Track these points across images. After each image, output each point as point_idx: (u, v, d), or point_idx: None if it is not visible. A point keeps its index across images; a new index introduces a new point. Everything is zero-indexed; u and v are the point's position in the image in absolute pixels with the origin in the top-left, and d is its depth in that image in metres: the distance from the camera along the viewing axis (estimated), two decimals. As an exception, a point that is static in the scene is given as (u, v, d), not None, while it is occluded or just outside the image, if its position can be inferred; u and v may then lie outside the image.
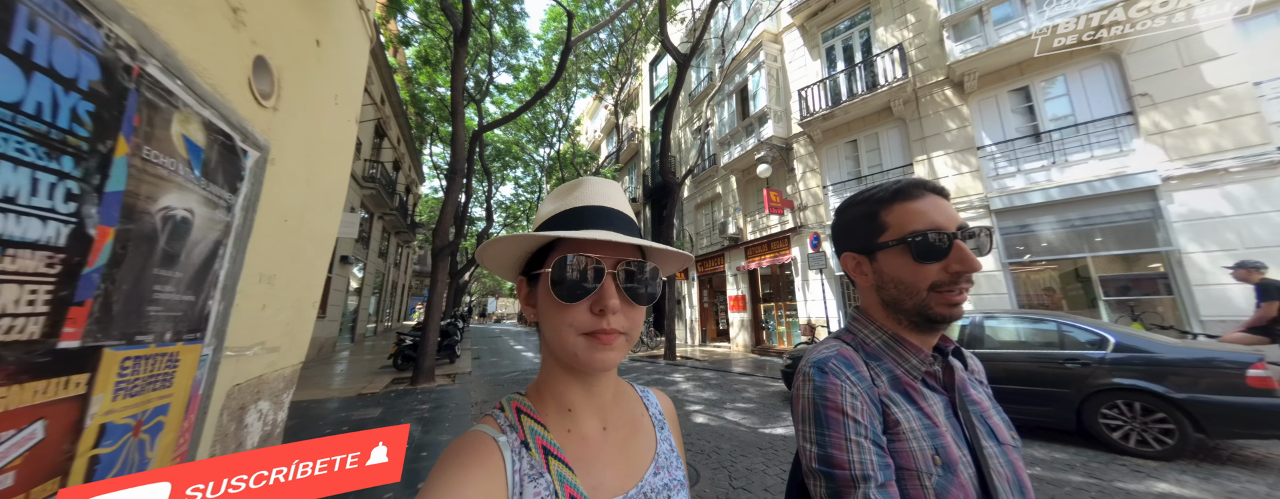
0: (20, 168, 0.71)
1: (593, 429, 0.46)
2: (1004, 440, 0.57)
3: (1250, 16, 5.04)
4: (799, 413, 0.55)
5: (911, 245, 0.55)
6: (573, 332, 0.41)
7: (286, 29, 1.49)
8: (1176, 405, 3.04)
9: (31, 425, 0.76)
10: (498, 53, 14.87)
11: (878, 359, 0.58)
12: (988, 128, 6.97)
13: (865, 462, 0.49)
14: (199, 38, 1.07)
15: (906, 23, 7.98)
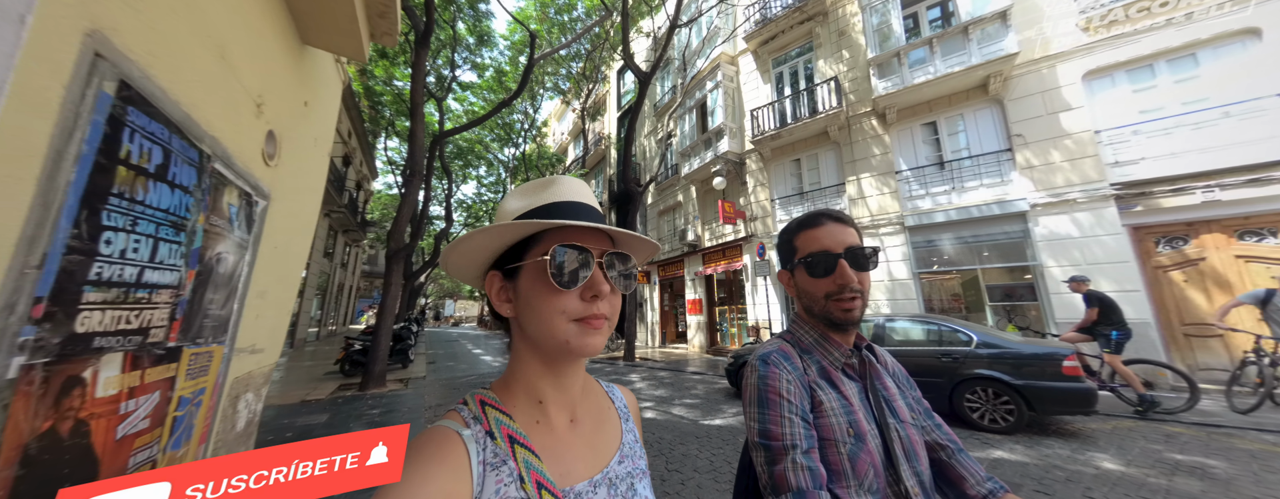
0: (164, 243, 1.12)
1: (562, 421, 0.48)
2: (904, 418, 0.71)
3: (1093, 78, 6.30)
4: (746, 398, 0.67)
5: (807, 265, 0.70)
6: (564, 318, 0.43)
7: (286, 100, 1.72)
8: (1016, 390, 3.86)
9: (155, 393, 1.16)
10: (462, 50, 14.61)
11: (809, 353, 0.72)
12: (904, 155, 8.04)
13: (794, 434, 0.61)
14: (238, 132, 1.38)
15: (842, 57, 8.98)
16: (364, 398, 6.29)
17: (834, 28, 9.20)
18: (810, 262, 0.69)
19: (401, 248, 7.57)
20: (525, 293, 0.45)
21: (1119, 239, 5.82)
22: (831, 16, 9.24)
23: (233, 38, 1.29)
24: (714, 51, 11.33)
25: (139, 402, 1.08)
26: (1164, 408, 4.24)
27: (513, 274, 0.47)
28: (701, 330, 12.15)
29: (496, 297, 0.48)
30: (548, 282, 0.43)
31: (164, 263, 1.12)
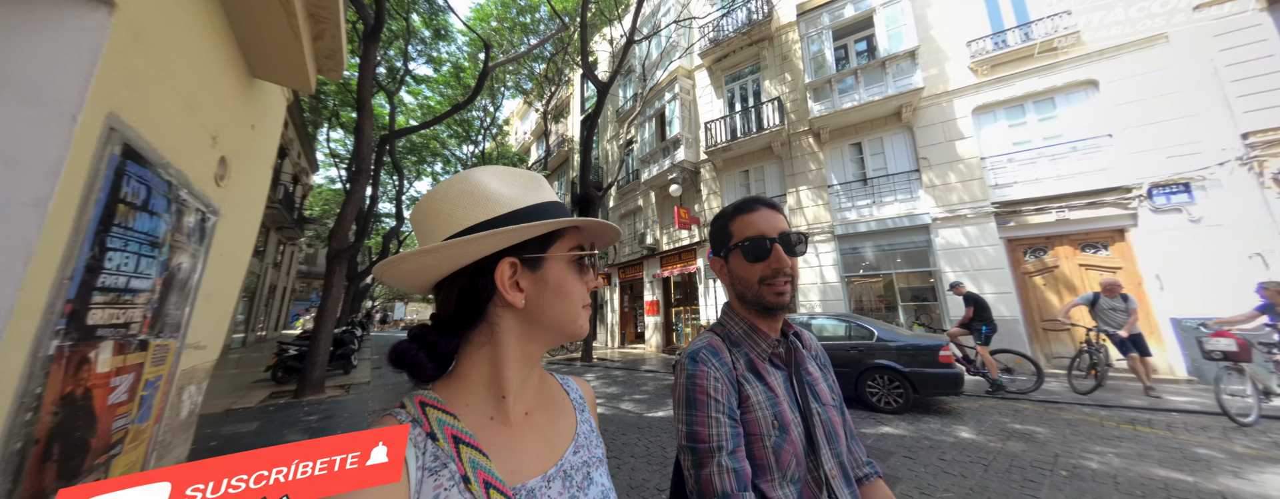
0: (143, 258, 1.38)
1: (516, 415, 0.48)
2: (826, 402, 0.73)
3: (980, 113, 7.46)
4: (675, 398, 0.67)
5: (743, 249, 0.70)
6: (581, 305, 0.49)
7: (236, 127, 1.87)
8: (905, 377, 4.57)
9: (131, 374, 1.40)
10: (417, 43, 14.09)
11: (738, 345, 0.72)
12: (835, 171, 8.97)
13: (721, 434, 0.61)
14: (196, 163, 1.58)
15: (784, 80, 9.84)
16: (299, 405, 6.04)
17: (778, 52, 10.05)
18: (746, 246, 0.70)
19: (345, 249, 7.32)
20: (557, 281, 0.47)
21: (997, 249, 6.94)
22: (776, 41, 10.09)
23: (199, 91, 1.52)
24: (672, 64, 11.90)
25: (122, 379, 1.35)
26: (1016, 389, 5.19)
27: (535, 264, 0.47)
28: (658, 331, 12.60)
29: (510, 285, 0.47)
30: (578, 273, 0.49)
31: (142, 273, 1.37)
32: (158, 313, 1.47)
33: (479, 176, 0.48)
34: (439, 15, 13.89)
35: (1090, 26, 6.58)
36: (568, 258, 0.49)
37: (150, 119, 1.23)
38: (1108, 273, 6.23)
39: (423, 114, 19.12)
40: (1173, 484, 2.68)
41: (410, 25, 12.48)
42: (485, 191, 0.47)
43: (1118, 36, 6.38)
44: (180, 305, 1.57)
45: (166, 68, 1.26)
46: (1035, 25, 6.97)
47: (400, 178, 15.58)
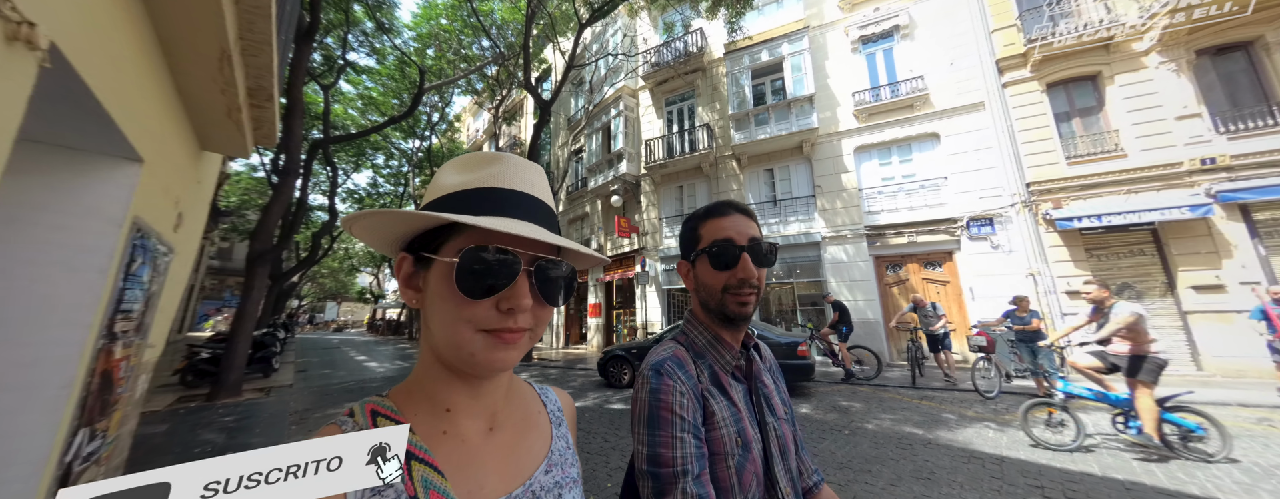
0: (139, 289, 1.90)
1: (475, 430, 0.42)
2: (780, 415, 0.72)
3: (860, 152, 9.07)
4: (636, 415, 0.62)
5: (711, 255, 0.67)
6: (470, 327, 0.38)
7: (189, 186, 2.38)
8: (773, 367, 5.71)
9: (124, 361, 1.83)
10: (358, 33, 13.56)
11: (702, 356, 0.69)
12: (753, 192, 10.29)
13: (685, 456, 0.57)
14: (165, 221, 2.10)
15: (714, 108, 11.06)
16: (213, 408, 5.98)
17: (710, 82, 11.27)
18: (713, 251, 0.67)
19: (267, 250, 7.13)
20: (432, 291, 0.39)
21: (867, 264, 8.51)
22: (708, 73, 11.31)
23: (175, 183, 2.10)
24: (619, 82, 12.76)
25: (124, 365, 1.87)
26: (862, 377, 6.58)
27: (425, 264, 0.40)
28: (599, 332, 13.34)
29: (405, 282, 0.41)
30: (454, 288, 0.37)
31: (136, 299, 1.91)
32: (139, 323, 2.01)
33: (446, 165, 0.44)
34: (383, 8, 13.43)
35: (936, 90, 8.36)
36: (444, 266, 0.38)
37: (150, 212, 1.86)
38: (941, 285, 7.96)
39: (363, 105, 18.27)
40: (909, 436, 3.91)
41: (350, 16, 11.97)
42: (437, 179, 0.44)
43: (953, 100, 8.18)
44: (148, 316, 2.09)
45: (162, 182, 1.83)
46: (901, 85, 8.67)
47: (334, 174, 14.72)
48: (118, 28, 1.26)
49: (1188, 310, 6.28)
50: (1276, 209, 6.12)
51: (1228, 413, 4.35)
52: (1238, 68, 6.63)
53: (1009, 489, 2.75)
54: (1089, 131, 7.33)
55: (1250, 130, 6.29)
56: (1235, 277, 6.00)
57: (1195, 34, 6.65)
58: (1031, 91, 7.64)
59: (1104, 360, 3.50)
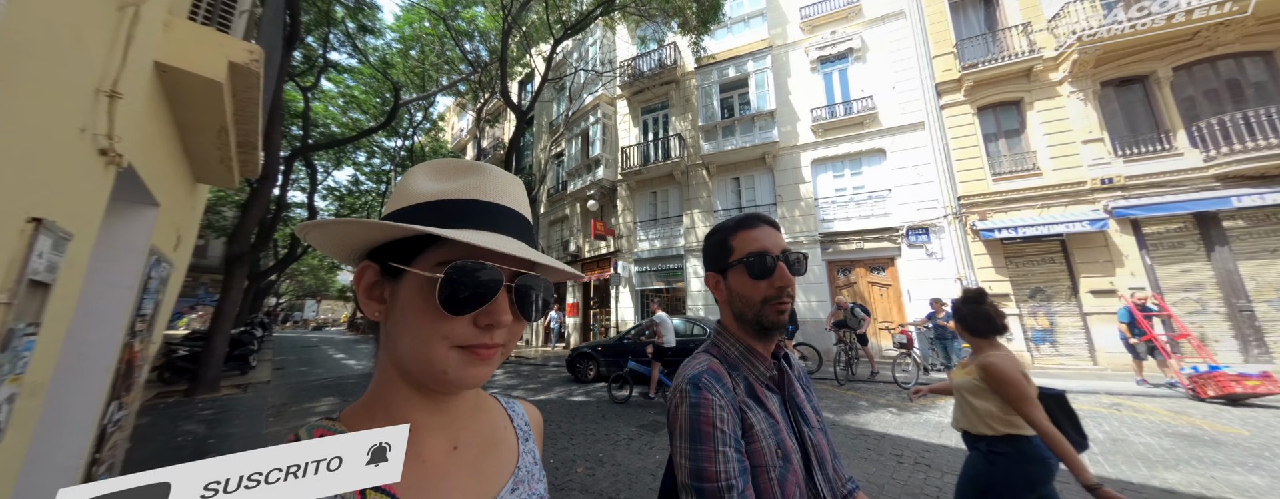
0: (151, 299, 2.33)
1: (437, 449, 0.40)
2: (814, 424, 0.71)
3: (817, 165, 9.77)
4: (676, 429, 0.61)
5: (747, 265, 0.67)
6: (445, 344, 0.36)
7: (186, 212, 2.85)
8: (721, 363, 6.32)
9: (140, 352, 2.29)
10: (340, 33, 13.61)
11: (736, 368, 0.68)
12: (721, 199, 10.93)
13: (729, 471, 0.57)
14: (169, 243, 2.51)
15: (686, 119, 11.66)
16: (192, 402, 6.23)
17: (683, 94, 11.85)
18: (750, 262, 0.67)
19: (244, 253, 7.28)
20: (403, 304, 0.37)
21: (821, 269, 9.22)
22: (681, 86, 11.89)
23: (178, 215, 2.54)
24: (598, 90, 13.24)
25: (139, 356, 2.31)
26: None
27: (394, 275, 0.38)
28: (577, 331, 13.83)
29: (366, 293, 0.39)
30: (434, 303, 0.35)
31: (148, 306, 2.36)
32: (149, 324, 2.45)
33: (416, 170, 0.42)
34: (365, 10, 13.41)
35: (883, 109, 9.10)
36: (423, 281, 0.36)
37: (160, 239, 2.31)
38: (884, 288, 8.72)
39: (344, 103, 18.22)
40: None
41: (331, 17, 11.90)
42: (407, 185, 0.41)
43: (897, 119, 8.94)
44: (155, 319, 2.54)
45: (170, 217, 2.30)
46: (853, 104, 9.39)
47: (312, 176, 14.68)
48: (157, 131, 1.73)
49: (1087, 312, 7.13)
50: (1161, 224, 7.01)
51: (1093, 399, 5.14)
52: (1136, 98, 7.51)
53: (876, 457, 3.38)
54: (1012, 151, 8.15)
55: (1143, 154, 7.17)
56: (1126, 283, 6.86)
57: (1100, 67, 7.50)
58: (965, 114, 8.43)
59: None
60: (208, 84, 1.79)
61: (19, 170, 1.02)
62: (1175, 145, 7.00)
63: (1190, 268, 6.79)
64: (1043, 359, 7.37)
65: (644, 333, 6.76)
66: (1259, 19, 6.55)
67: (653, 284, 11.66)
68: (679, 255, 11.06)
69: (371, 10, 13.37)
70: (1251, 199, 6.26)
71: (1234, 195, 6.35)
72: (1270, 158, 6.16)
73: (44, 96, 1.08)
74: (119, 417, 2.21)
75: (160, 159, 1.96)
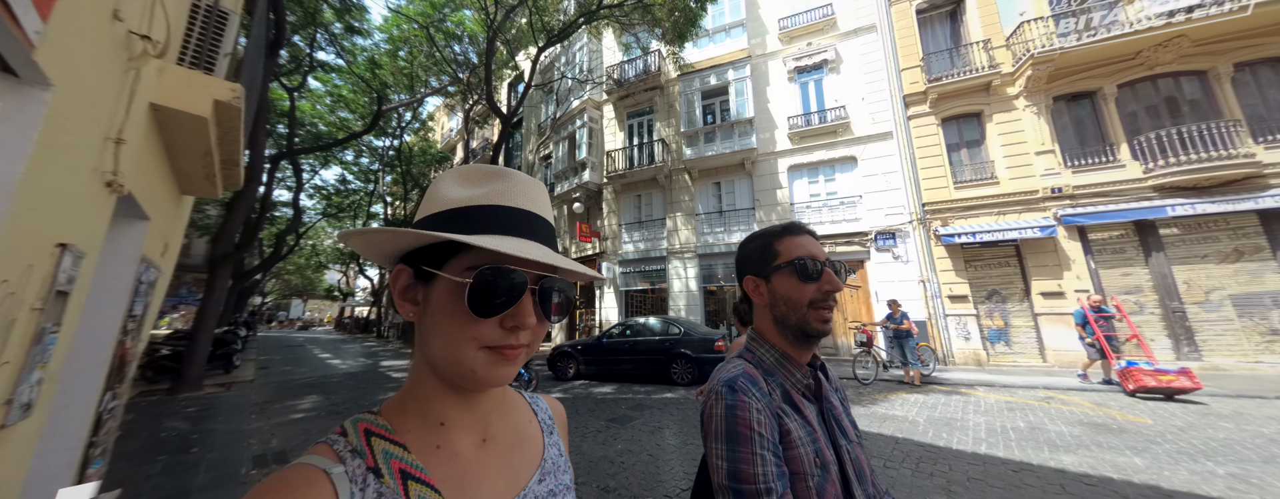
0: (140, 301, 2.50)
1: (468, 443, 0.42)
2: (851, 437, 0.70)
3: (793, 171, 10.15)
4: (712, 431, 0.61)
5: (797, 267, 0.68)
6: (474, 345, 0.38)
7: (172, 220, 3.03)
8: (693, 360, 6.63)
9: (130, 349, 2.41)
10: (326, 33, 13.58)
11: (772, 375, 0.68)
12: (702, 203, 11.26)
13: (767, 474, 0.56)
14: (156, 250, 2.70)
15: (670, 124, 11.97)
16: (175, 400, 6.32)
17: (667, 100, 12.17)
18: (799, 265, 0.68)
19: (229, 252, 7.35)
20: (435, 308, 0.39)
21: (795, 271, 9.59)
22: (665, 92, 12.21)
23: (167, 227, 2.73)
24: (585, 94, 13.50)
25: (130, 352, 2.53)
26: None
27: (427, 277, 0.41)
28: (563, 329, 14.07)
29: (401, 295, 0.42)
30: (463, 306, 0.38)
31: (139, 308, 2.55)
32: (139, 324, 2.65)
33: (445, 176, 0.45)
34: (352, 11, 13.37)
35: (855, 119, 9.51)
36: (453, 285, 0.39)
37: (149, 247, 2.50)
38: (855, 289, 9.12)
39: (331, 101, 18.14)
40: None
41: (318, 18, 11.69)
42: (436, 191, 0.44)
43: (868, 129, 9.35)
44: (144, 319, 2.74)
45: (159, 228, 2.51)
46: (827, 113, 9.79)
47: (298, 176, 14.59)
48: (149, 157, 1.96)
49: (1038, 312, 7.60)
50: (1105, 231, 7.50)
51: (1030, 393, 5.56)
52: (1084, 113, 8.00)
53: (817, 446, 3.72)
54: (972, 161, 8.61)
55: (1090, 165, 7.66)
56: (1072, 286, 7.33)
57: (1053, 82, 7.98)
58: (930, 124, 8.87)
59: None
60: (195, 119, 2.04)
61: (51, 207, 1.28)
62: (1119, 157, 7.49)
63: (1130, 272, 7.29)
64: (998, 357, 7.83)
65: (625, 332, 7.03)
66: (1194, 41, 7.06)
67: (637, 285, 11.96)
68: (662, 257, 11.37)
69: (360, 11, 13.42)
70: (1184, 208, 6.76)
71: (1169, 205, 6.85)
72: (1201, 170, 6.66)
73: (72, 148, 1.35)
74: (113, 406, 2.42)
75: (151, 180, 2.18)
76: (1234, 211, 6.63)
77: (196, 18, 2.29)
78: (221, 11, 2.34)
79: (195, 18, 2.29)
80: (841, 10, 10.04)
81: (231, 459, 3.84)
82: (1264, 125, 6.81)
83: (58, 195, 1.31)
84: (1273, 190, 6.46)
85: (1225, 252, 6.81)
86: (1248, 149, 6.66)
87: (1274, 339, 6.40)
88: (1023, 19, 8.17)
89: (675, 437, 4.11)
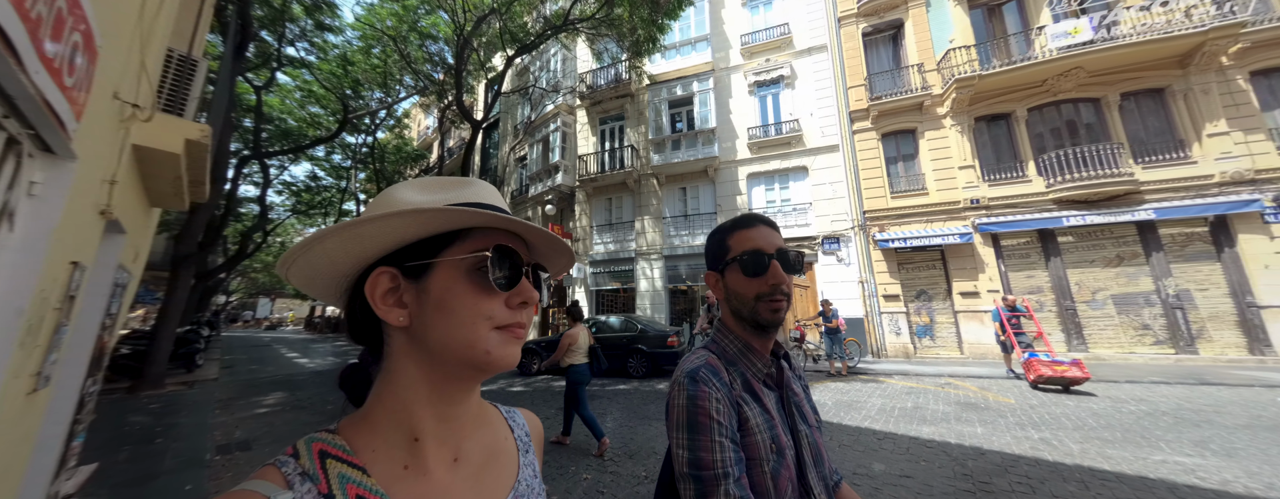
0: (117, 301, 2.87)
1: (439, 461, 0.40)
2: (811, 423, 0.73)
3: (752, 179, 10.87)
4: (674, 420, 0.64)
5: (743, 262, 0.69)
6: (487, 325, 0.38)
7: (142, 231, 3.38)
8: (648, 356, 7.21)
9: (108, 343, 2.78)
10: (295, 29, 13.34)
11: (734, 364, 0.70)
12: (669, 207, 11.86)
13: (725, 460, 0.59)
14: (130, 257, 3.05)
15: (640, 130, 12.52)
16: (137, 398, 6.37)
17: (637, 108, 12.70)
18: (744, 259, 0.69)
19: (190, 254, 7.36)
20: (440, 293, 0.38)
21: (751, 272, 10.30)
22: (636, 99, 12.74)
23: (137, 238, 3.06)
24: (559, 99, 13.88)
25: (107, 344, 2.85)
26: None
27: (418, 272, 0.39)
28: (535, 328, 14.45)
29: (383, 300, 0.39)
30: (480, 282, 0.38)
31: (115, 306, 2.89)
32: (114, 320, 2.98)
33: (399, 187, 0.43)
34: (324, 8, 13.14)
35: (807, 132, 10.29)
36: (461, 264, 0.39)
37: (125, 257, 2.86)
38: (804, 290, 9.90)
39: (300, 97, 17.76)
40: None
41: (287, 13, 11.26)
42: (392, 198, 0.41)
43: (818, 141, 10.14)
44: (118, 317, 3.09)
45: (132, 238, 2.87)
46: (783, 125, 10.53)
47: (265, 171, 14.28)
48: (129, 184, 2.35)
49: (958, 310, 8.53)
50: (1014, 238, 8.47)
51: (932, 380, 6.37)
52: (1001, 133, 8.98)
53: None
54: (907, 173, 9.50)
55: (1004, 180, 8.62)
56: (986, 286, 8.27)
57: (974, 105, 8.92)
58: (871, 139, 9.72)
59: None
60: (170, 155, 2.46)
61: (69, 237, 1.73)
62: (1027, 173, 8.48)
63: (1033, 274, 8.29)
64: (924, 350, 8.74)
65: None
66: (1089, 72, 8.07)
67: (607, 285, 12.47)
68: (630, 258, 11.92)
69: (331, 8, 13.28)
70: (1077, 219, 7.77)
71: (1065, 216, 7.85)
72: (1091, 186, 7.66)
73: (84, 195, 1.80)
74: (92, 390, 2.78)
75: (129, 201, 2.54)
76: (1116, 223, 7.66)
77: (170, 66, 2.68)
78: (191, 61, 2.74)
79: (169, 66, 2.68)
80: (797, 30, 10.79)
81: (196, 447, 4.05)
82: (1143, 147, 7.88)
83: (72, 228, 1.75)
84: (1148, 204, 7.51)
85: (1109, 258, 7.86)
86: (1129, 168, 7.71)
87: (1145, 333, 7.47)
88: (951, 46, 9.07)
89: (615, 421, 4.66)
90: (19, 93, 1.08)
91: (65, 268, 1.76)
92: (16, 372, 1.55)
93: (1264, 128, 7.22)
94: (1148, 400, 4.79)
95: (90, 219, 1.95)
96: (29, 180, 1.42)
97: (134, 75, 2.01)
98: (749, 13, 11.61)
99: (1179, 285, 7.35)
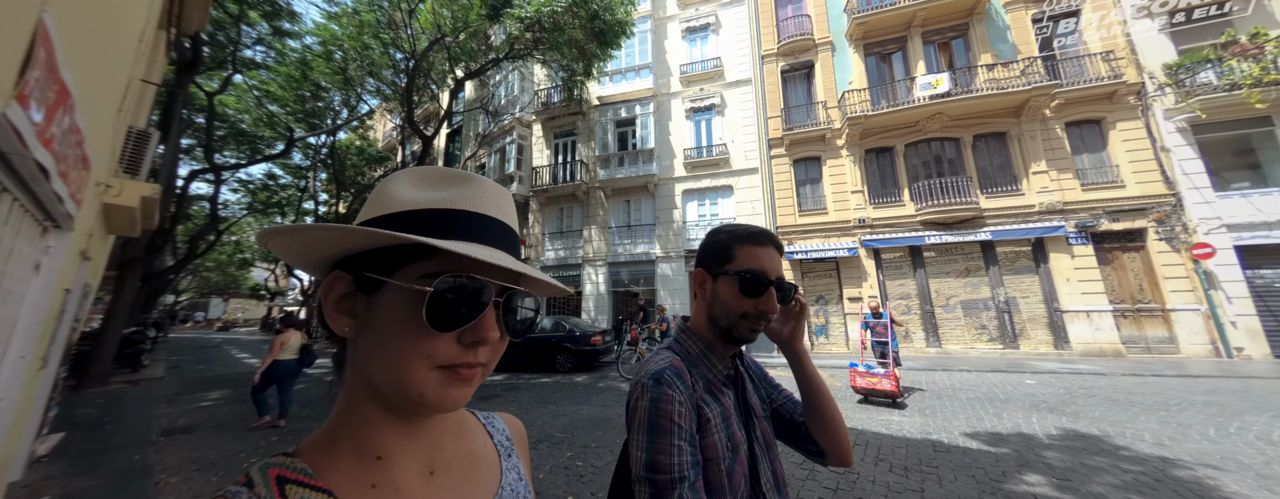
0: (82, 306, 3.69)
1: (411, 477, 0.37)
2: (758, 413, 0.77)
3: (688, 195, 12.14)
4: (635, 422, 0.64)
5: (744, 279, 0.69)
6: (426, 364, 0.33)
7: (101, 249, 4.14)
8: (573, 353, 8.24)
9: (73, 342, 3.57)
10: (253, 32, 13.27)
11: (696, 365, 0.72)
12: (615, 218, 12.97)
13: (682, 464, 0.60)
14: (90, 274, 3.82)
15: (590, 146, 13.56)
16: (81, 394, 6.60)
17: (588, 124, 13.74)
18: (745, 277, 0.69)
19: (137, 258, 7.51)
20: (381, 320, 0.34)
21: (684, 279, 11.57)
22: (587, 118, 13.78)
23: (98, 257, 3.85)
24: (516, 111, 14.71)
25: (74, 343, 3.76)
26: (650, 358, 9.46)
27: (371, 287, 0.35)
28: (492, 329, 15.17)
29: (335, 306, 0.36)
30: (418, 319, 0.33)
31: (79, 314, 3.68)
32: (79, 322, 3.75)
33: (398, 176, 0.40)
34: (282, 13, 13.14)
35: (733, 155, 11.66)
36: (409, 294, 0.34)
37: (90, 276, 3.67)
38: (727, 294, 11.23)
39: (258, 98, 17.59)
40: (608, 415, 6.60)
41: (246, 18, 11.16)
42: (387, 191, 0.39)
43: (742, 163, 11.53)
44: (80, 320, 3.85)
45: (94, 262, 3.68)
46: (713, 148, 11.86)
47: (217, 176, 13.90)
48: (98, 229, 3.21)
49: (847, 313, 10.08)
50: (891, 253, 10.12)
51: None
52: (885, 163, 10.64)
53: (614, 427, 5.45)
54: (813, 195, 11.04)
55: (885, 203, 10.26)
56: (867, 293, 9.86)
57: (865, 139, 10.53)
58: (785, 164, 11.20)
59: None
60: (128, 209, 3.33)
61: (64, 274, 2.64)
62: (903, 199, 10.15)
63: (904, 283, 9.95)
64: (820, 347, 10.24)
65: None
66: (950, 117, 9.81)
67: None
68: (578, 264, 12.93)
69: (292, 15, 13.35)
70: (937, 238, 9.45)
71: (928, 235, 9.52)
72: (947, 211, 9.35)
73: (75, 246, 2.73)
74: (63, 374, 3.59)
75: (96, 238, 3.39)
76: (965, 241, 9.40)
77: (129, 141, 3.53)
78: (145, 133, 3.60)
79: (129, 140, 3.53)
80: (728, 63, 12.17)
81: (143, 430, 4.48)
82: (988, 180, 9.68)
83: (66, 268, 2.65)
84: (988, 227, 9.28)
85: (960, 270, 9.61)
86: (975, 198, 9.47)
87: (983, 332, 9.23)
88: (849, 87, 10.67)
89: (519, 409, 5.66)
90: (47, 199, 2.01)
91: (61, 293, 2.66)
92: (35, 357, 2.44)
93: (1073, 168, 9.14)
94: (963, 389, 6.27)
95: (75, 260, 2.85)
96: (47, 245, 2.35)
97: (108, 167, 2.92)
98: (688, 45, 12.91)
99: (1008, 293, 9.15)
